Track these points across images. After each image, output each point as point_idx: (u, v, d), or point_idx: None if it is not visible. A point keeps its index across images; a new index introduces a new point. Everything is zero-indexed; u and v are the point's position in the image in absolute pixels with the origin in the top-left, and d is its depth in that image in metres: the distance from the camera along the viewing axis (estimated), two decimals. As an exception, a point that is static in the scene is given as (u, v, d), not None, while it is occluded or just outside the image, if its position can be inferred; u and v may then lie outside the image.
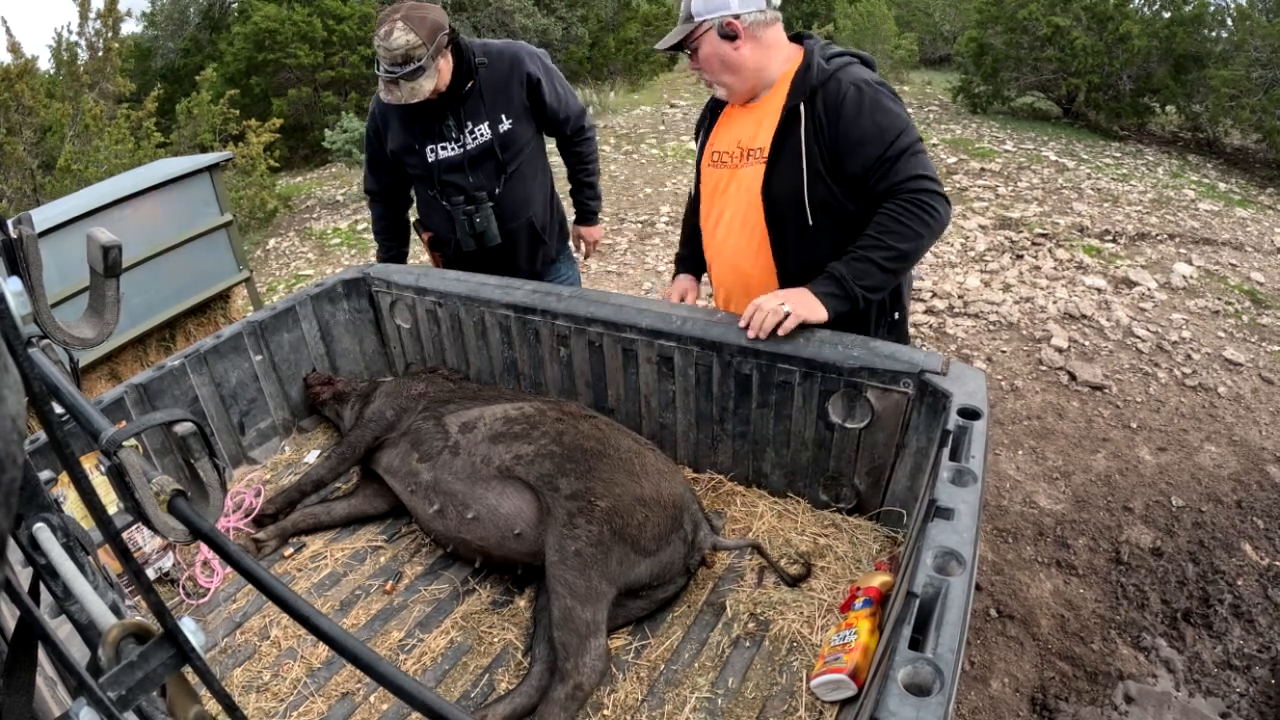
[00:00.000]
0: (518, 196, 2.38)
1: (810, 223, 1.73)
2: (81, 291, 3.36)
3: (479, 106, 2.25)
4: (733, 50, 1.72)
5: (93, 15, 6.77)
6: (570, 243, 2.74)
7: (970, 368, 1.61)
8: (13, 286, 0.73)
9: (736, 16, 1.69)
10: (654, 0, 13.93)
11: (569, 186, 2.66)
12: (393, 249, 2.61)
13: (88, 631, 0.59)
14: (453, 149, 2.27)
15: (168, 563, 1.86)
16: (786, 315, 1.68)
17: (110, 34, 6.87)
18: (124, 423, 0.64)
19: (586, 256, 2.79)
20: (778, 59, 1.76)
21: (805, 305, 1.68)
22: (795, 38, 1.81)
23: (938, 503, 1.21)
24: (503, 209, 2.35)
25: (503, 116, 2.27)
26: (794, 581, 1.69)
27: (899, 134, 1.64)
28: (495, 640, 1.66)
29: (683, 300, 2.14)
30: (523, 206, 2.40)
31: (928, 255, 5.01)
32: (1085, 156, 7.51)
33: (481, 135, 2.27)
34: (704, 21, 1.71)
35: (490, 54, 2.26)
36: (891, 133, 1.63)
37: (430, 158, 2.28)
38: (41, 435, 1.69)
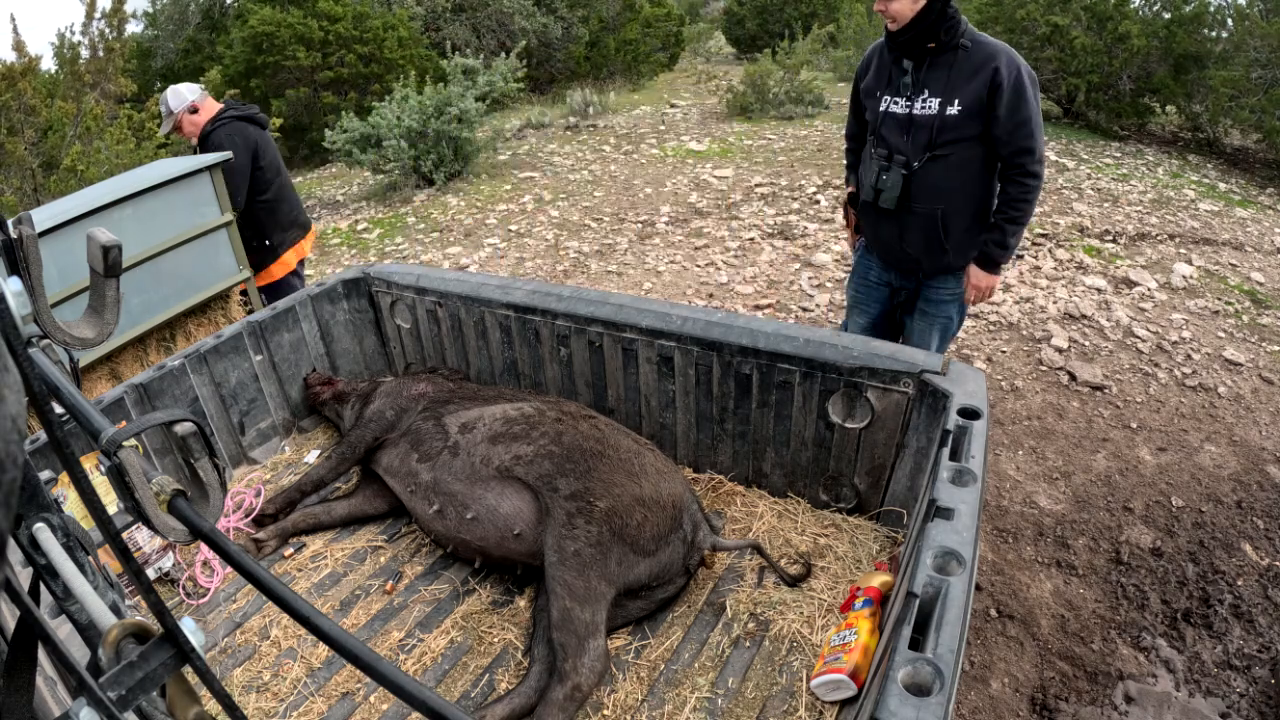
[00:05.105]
0: (933, 183, 2.32)
1: None
2: (81, 291, 3.36)
3: (941, 82, 2.25)
4: None
5: (98, 15, 6.75)
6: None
7: (970, 368, 1.61)
8: (13, 286, 0.73)
9: None
10: (655, 1, 13.92)
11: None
12: None
13: (88, 631, 0.59)
14: (901, 106, 2.32)
15: (168, 563, 1.86)
16: None
17: (114, 34, 6.84)
18: (124, 423, 0.64)
19: (973, 302, 2.50)
20: None
21: None
22: None
23: (938, 503, 1.22)
24: (914, 185, 2.33)
25: (956, 102, 2.24)
26: (794, 581, 1.69)
27: None
28: (495, 640, 1.66)
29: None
30: (934, 197, 2.33)
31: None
32: (1085, 156, 7.51)
33: (930, 108, 2.28)
34: None
35: (976, 43, 2.25)
36: None
37: (881, 106, 2.36)
38: (41, 435, 1.69)
